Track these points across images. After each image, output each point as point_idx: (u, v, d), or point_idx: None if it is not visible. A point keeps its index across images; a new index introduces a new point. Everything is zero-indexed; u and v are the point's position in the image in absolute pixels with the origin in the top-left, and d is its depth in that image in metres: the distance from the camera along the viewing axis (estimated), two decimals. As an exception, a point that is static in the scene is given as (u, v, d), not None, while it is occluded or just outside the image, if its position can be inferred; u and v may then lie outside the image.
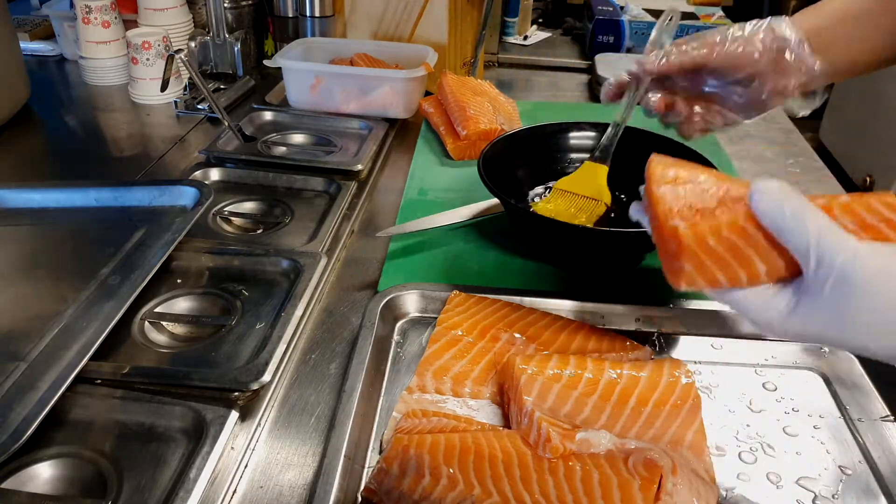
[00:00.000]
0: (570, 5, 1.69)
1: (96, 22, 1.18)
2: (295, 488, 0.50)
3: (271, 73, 1.21)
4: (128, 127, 1.09)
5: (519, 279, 0.73)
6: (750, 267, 0.43)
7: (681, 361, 0.58)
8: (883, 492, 0.51)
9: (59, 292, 0.64)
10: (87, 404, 0.55)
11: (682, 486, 0.46)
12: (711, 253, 0.43)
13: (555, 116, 0.90)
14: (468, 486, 0.47)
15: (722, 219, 0.43)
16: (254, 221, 0.84)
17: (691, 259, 0.44)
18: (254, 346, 0.62)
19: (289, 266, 0.72)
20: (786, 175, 0.99)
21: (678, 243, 0.44)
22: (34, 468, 0.50)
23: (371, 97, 1.06)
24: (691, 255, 0.44)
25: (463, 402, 0.58)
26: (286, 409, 0.57)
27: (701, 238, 0.43)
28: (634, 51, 1.38)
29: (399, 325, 0.67)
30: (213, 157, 0.94)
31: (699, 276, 0.44)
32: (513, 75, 1.38)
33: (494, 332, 0.63)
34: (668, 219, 0.45)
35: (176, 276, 0.71)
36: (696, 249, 0.43)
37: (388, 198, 0.90)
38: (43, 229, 0.75)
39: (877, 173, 2.18)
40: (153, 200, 0.77)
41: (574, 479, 0.47)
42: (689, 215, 0.45)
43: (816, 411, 0.58)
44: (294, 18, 1.28)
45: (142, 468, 0.51)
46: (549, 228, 0.72)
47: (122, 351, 0.61)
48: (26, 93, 1.12)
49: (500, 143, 0.82)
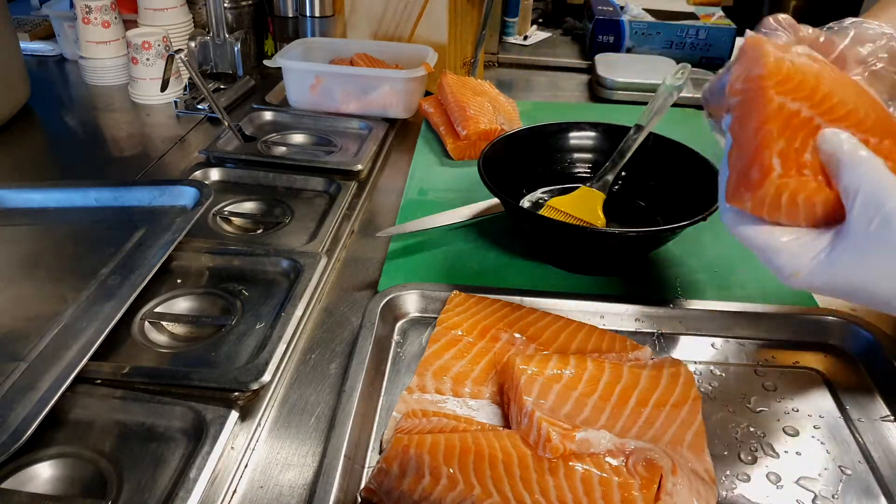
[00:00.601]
0: (570, 5, 1.69)
1: (96, 22, 1.19)
2: (295, 488, 0.50)
3: (271, 73, 1.21)
4: (128, 127, 1.09)
5: (519, 279, 0.73)
6: (810, 211, 0.43)
7: (681, 361, 0.58)
8: (883, 492, 0.51)
9: (59, 292, 0.64)
10: (87, 404, 0.55)
11: (682, 486, 0.46)
12: (784, 204, 0.43)
13: (555, 116, 0.90)
14: (468, 486, 0.47)
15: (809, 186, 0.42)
16: (254, 221, 0.84)
17: (761, 199, 0.43)
18: (254, 346, 0.62)
19: (289, 266, 0.72)
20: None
21: (760, 185, 0.42)
22: (34, 468, 0.50)
23: (371, 97, 1.06)
24: (763, 198, 0.43)
25: (463, 402, 0.58)
26: (286, 409, 0.57)
27: (783, 193, 0.42)
28: (634, 51, 1.38)
29: (399, 325, 0.67)
30: (213, 157, 0.94)
31: (754, 208, 0.43)
32: (513, 75, 1.38)
33: (494, 332, 0.63)
34: (769, 152, 0.43)
35: (176, 276, 0.71)
36: (773, 198, 0.42)
37: (388, 198, 0.90)
38: (43, 229, 0.75)
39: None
40: (153, 200, 0.77)
41: (574, 479, 0.47)
42: (788, 156, 0.43)
43: (816, 411, 0.58)
44: (294, 18, 1.28)
45: (142, 468, 0.51)
46: (549, 228, 0.72)
47: (122, 351, 0.61)
48: (26, 93, 1.12)
49: (500, 143, 0.82)
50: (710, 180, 0.73)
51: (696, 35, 1.35)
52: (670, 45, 1.37)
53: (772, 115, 0.43)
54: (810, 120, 0.44)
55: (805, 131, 0.44)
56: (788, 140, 0.43)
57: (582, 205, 0.77)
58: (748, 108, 0.45)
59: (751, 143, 0.44)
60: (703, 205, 0.68)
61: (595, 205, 0.77)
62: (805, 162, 0.43)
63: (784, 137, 0.43)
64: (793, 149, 0.43)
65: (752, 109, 0.45)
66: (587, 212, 0.76)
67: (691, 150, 0.80)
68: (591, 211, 0.76)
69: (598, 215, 0.76)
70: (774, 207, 0.43)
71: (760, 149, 0.43)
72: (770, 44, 0.46)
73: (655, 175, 0.83)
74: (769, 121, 0.43)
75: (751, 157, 0.44)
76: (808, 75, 0.44)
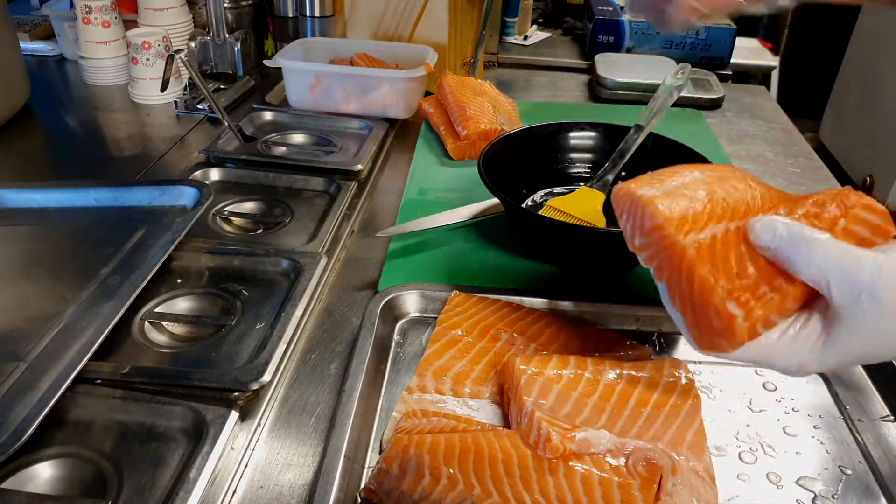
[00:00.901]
0: (570, 5, 1.69)
1: (96, 22, 1.18)
2: (295, 488, 0.50)
3: (271, 73, 1.21)
4: (128, 127, 1.09)
5: (519, 279, 0.73)
6: (786, 313, 0.41)
7: (681, 361, 0.58)
8: (883, 492, 0.51)
9: (59, 292, 0.64)
10: (87, 404, 0.55)
11: (682, 486, 0.46)
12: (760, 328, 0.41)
13: (555, 116, 0.90)
14: (468, 486, 0.47)
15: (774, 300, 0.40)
16: (254, 221, 0.84)
17: (739, 340, 0.40)
18: (254, 346, 0.62)
19: (289, 266, 0.72)
20: (786, 175, 0.99)
21: (730, 330, 0.40)
22: (34, 468, 0.50)
23: (371, 97, 1.06)
24: (740, 339, 0.40)
25: (463, 402, 0.58)
26: (286, 409, 0.57)
27: (756, 325, 0.40)
28: (634, 51, 1.38)
29: (399, 325, 0.67)
30: (213, 157, 0.94)
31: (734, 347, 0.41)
32: (513, 75, 1.38)
33: (494, 332, 0.63)
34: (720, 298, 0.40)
35: (176, 276, 0.71)
36: (750, 332, 0.40)
37: (388, 198, 0.90)
38: (43, 229, 0.75)
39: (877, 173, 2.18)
40: (153, 200, 0.77)
41: (574, 479, 0.47)
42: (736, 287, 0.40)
43: (816, 411, 0.58)
44: (294, 18, 1.28)
45: (142, 468, 0.51)
46: (549, 228, 0.72)
47: (122, 351, 0.61)
48: (26, 93, 1.12)
49: (500, 143, 0.82)
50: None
51: (696, 35, 1.35)
52: (670, 45, 1.37)
53: (695, 259, 0.41)
54: (726, 233, 0.42)
55: (731, 247, 0.41)
56: (726, 272, 0.41)
57: (582, 205, 0.77)
58: (666, 261, 0.43)
59: (692, 294, 0.41)
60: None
61: (595, 205, 0.77)
62: (752, 278, 0.41)
63: (722, 273, 0.41)
64: (735, 277, 0.41)
65: (671, 262, 0.43)
66: (587, 212, 0.76)
67: (691, 150, 0.80)
68: (592, 211, 0.76)
69: (598, 215, 0.76)
70: (753, 336, 0.41)
71: (707, 300, 0.41)
72: (638, 185, 0.44)
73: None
74: (697, 266, 0.41)
75: (702, 308, 0.41)
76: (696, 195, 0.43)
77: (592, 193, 0.78)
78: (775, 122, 1.17)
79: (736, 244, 0.42)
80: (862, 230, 0.41)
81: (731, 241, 0.42)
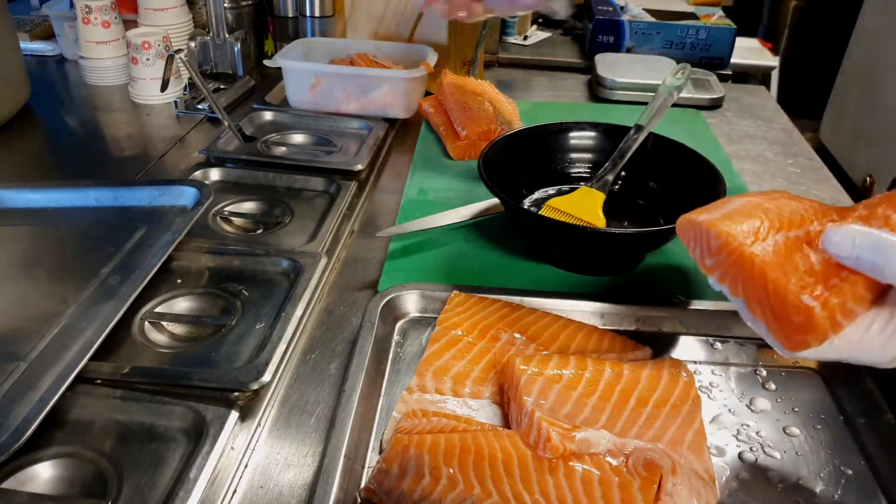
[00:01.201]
0: (570, 5, 1.69)
1: (96, 22, 1.18)
2: (295, 488, 0.50)
3: (271, 73, 1.21)
4: (128, 127, 1.09)
5: (519, 279, 0.73)
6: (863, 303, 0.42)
7: (681, 361, 0.58)
8: (883, 492, 0.51)
9: (59, 292, 0.64)
10: (87, 404, 0.55)
11: (682, 486, 0.46)
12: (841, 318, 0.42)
13: (555, 116, 0.90)
14: (468, 486, 0.47)
15: (847, 289, 0.42)
16: (254, 221, 0.84)
17: (823, 333, 0.42)
18: (254, 346, 0.62)
19: (289, 266, 0.72)
20: (786, 175, 0.99)
21: (811, 323, 0.41)
22: (34, 468, 0.50)
23: (371, 97, 1.06)
24: (824, 331, 0.42)
25: (463, 402, 0.58)
26: (286, 409, 0.57)
27: (835, 313, 0.41)
28: (634, 51, 1.38)
29: (399, 325, 0.67)
30: (213, 157, 0.94)
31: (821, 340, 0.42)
32: (513, 75, 1.38)
33: (494, 332, 0.63)
34: (794, 294, 0.42)
35: (176, 276, 0.71)
36: (832, 323, 0.41)
37: (388, 198, 0.90)
38: (43, 229, 0.75)
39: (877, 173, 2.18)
40: (153, 200, 0.77)
41: (574, 479, 0.47)
42: (808, 283, 0.42)
43: (816, 411, 0.58)
44: (294, 18, 1.28)
45: (142, 468, 0.51)
46: (549, 228, 0.72)
47: (122, 351, 0.61)
48: (26, 93, 1.12)
49: (500, 143, 0.82)
50: (710, 180, 0.74)
51: (696, 35, 1.35)
52: (670, 45, 1.37)
53: (764, 266, 0.43)
54: (787, 241, 0.44)
55: (795, 251, 0.43)
56: (795, 272, 0.43)
57: (582, 205, 0.77)
58: (738, 275, 0.45)
59: (769, 298, 0.44)
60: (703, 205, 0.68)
61: (595, 205, 0.77)
62: (821, 274, 0.43)
63: (792, 273, 0.43)
64: (804, 274, 0.43)
65: (742, 273, 0.45)
66: (587, 212, 0.76)
67: (691, 150, 0.80)
68: (592, 211, 0.76)
69: (598, 215, 0.76)
70: (836, 327, 0.42)
71: (783, 298, 0.43)
72: (698, 214, 0.48)
73: (655, 175, 0.83)
74: (768, 270, 0.43)
75: (780, 308, 0.43)
76: (753, 213, 0.46)
77: (592, 193, 0.78)
78: (775, 122, 1.17)
79: (799, 248, 0.44)
80: None
81: (793, 246, 0.44)
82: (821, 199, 0.49)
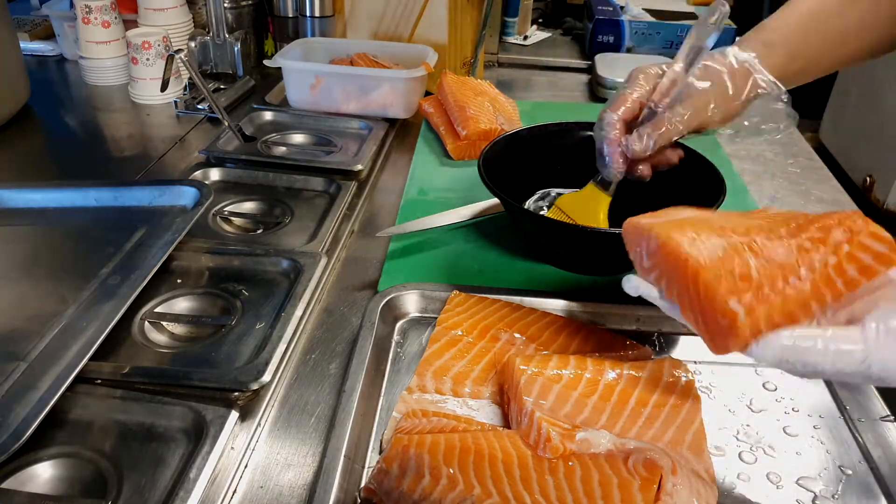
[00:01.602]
0: (570, 5, 1.69)
1: (96, 22, 1.18)
2: (295, 488, 0.50)
3: (271, 73, 1.21)
4: (128, 127, 1.09)
5: (519, 279, 0.73)
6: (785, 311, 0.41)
7: (681, 361, 0.58)
8: (883, 492, 0.51)
9: (59, 292, 0.64)
10: (87, 404, 0.55)
11: (682, 486, 0.46)
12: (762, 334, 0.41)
13: (555, 116, 0.90)
14: (468, 486, 0.47)
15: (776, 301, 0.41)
16: (254, 221, 0.84)
17: (741, 340, 0.41)
18: (254, 346, 0.62)
19: (289, 266, 0.72)
20: (786, 175, 0.99)
21: (733, 328, 0.41)
22: (34, 468, 0.50)
23: (371, 97, 1.06)
24: (743, 337, 0.41)
25: (463, 402, 0.58)
26: (286, 409, 0.57)
27: (757, 324, 0.41)
28: (634, 51, 1.38)
29: (399, 325, 0.67)
30: (213, 157, 0.94)
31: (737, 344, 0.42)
32: (513, 75, 1.38)
33: (494, 332, 0.63)
34: (722, 297, 0.41)
35: (176, 276, 0.71)
36: (749, 334, 0.41)
37: (388, 198, 0.90)
38: (43, 229, 0.75)
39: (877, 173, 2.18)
40: (153, 200, 0.77)
41: (574, 479, 0.47)
42: (739, 288, 0.41)
43: (816, 411, 0.58)
44: (294, 18, 1.28)
45: (142, 468, 0.51)
46: (549, 228, 0.72)
47: (122, 351, 0.61)
48: (26, 93, 1.12)
49: (500, 143, 0.82)
50: (710, 180, 0.74)
51: (696, 35, 1.35)
52: (670, 45, 1.37)
53: (697, 266, 0.43)
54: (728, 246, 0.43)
55: (735, 255, 0.42)
56: (729, 276, 0.42)
57: (587, 210, 0.74)
58: (673, 275, 0.45)
59: (699, 299, 0.43)
60: (703, 205, 0.67)
61: (601, 211, 0.74)
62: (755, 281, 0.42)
63: (725, 276, 0.42)
64: (738, 279, 0.42)
65: (676, 272, 0.45)
66: (593, 219, 0.73)
67: (691, 150, 0.80)
68: (597, 220, 0.74)
69: (599, 220, 0.74)
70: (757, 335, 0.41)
71: (712, 301, 0.42)
72: (643, 218, 0.49)
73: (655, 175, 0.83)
74: (700, 272, 0.42)
75: (709, 310, 0.43)
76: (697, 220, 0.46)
77: (599, 196, 0.74)
78: (775, 122, 1.16)
79: (739, 254, 0.43)
80: (865, 257, 0.42)
81: (732, 252, 0.43)
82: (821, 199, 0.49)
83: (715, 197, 0.69)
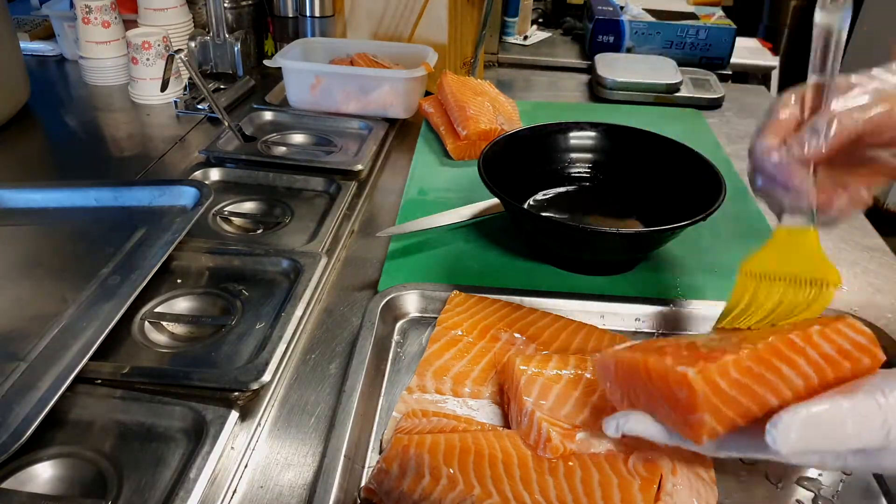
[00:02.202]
0: (570, 5, 1.69)
1: (96, 22, 1.18)
2: (295, 488, 0.50)
3: (271, 73, 1.21)
4: (128, 127, 1.09)
5: (519, 279, 0.73)
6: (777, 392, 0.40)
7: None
8: (883, 492, 0.51)
9: (59, 292, 0.64)
10: (87, 404, 0.55)
11: (682, 487, 0.46)
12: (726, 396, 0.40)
13: (555, 116, 0.90)
14: (468, 487, 0.47)
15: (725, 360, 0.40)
16: (254, 221, 0.84)
17: (704, 402, 0.40)
18: (254, 346, 0.62)
19: (289, 266, 0.72)
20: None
21: (691, 391, 0.40)
22: (34, 468, 0.50)
23: (371, 97, 1.06)
24: (704, 398, 0.40)
25: (463, 402, 0.58)
26: (286, 409, 0.57)
27: (710, 377, 0.40)
28: (634, 51, 1.38)
29: (399, 325, 0.67)
30: (213, 157, 0.94)
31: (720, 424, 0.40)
32: (513, 75, 1.38)
33: (494, 332, 0.63)
34: (672, 368, 0.41)
35: (176, 276, 0.71)
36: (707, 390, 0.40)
37: (388, 198, 0.90)
38: (43, 229, 0.75)
39: (877, 173, 2.17)
40: (153, 200, 0.77)
41: (574, 479, 0.47)
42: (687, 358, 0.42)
43: (816, 411, 0.57)
44: (294, 18, 1.28)
45: (142, 468, 0.51)
46: (549, 228, 0.72)
47: (122, 351, 0.61)
48: (26, 93, 1.12)
49: (500, 143, 0.82)
50: (710, 180, 0.74)
51: (696, 35, 1.35)
52: (670, 45, 1.37)
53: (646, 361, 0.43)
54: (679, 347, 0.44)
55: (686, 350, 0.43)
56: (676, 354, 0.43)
57: (792, 257, 0.52)
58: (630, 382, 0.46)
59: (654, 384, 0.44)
60: (703, 205, 0.68)
61: (814, 250, 0.52)
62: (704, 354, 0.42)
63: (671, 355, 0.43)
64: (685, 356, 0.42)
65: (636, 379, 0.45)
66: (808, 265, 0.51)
67: (691, 150, 0.80)
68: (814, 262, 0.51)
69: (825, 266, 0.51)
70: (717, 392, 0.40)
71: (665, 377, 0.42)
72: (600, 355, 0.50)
73: (655, 175, 0.83)
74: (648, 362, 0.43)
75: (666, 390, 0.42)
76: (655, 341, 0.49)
77: (799, 234, 0.52)
78: (775, 122, 1.16)
79: (691, 350, 0.43)
80: (842, 341, 0.41)
81: (684, 349, 0.44)
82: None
83: (715, 197, 0.69)
